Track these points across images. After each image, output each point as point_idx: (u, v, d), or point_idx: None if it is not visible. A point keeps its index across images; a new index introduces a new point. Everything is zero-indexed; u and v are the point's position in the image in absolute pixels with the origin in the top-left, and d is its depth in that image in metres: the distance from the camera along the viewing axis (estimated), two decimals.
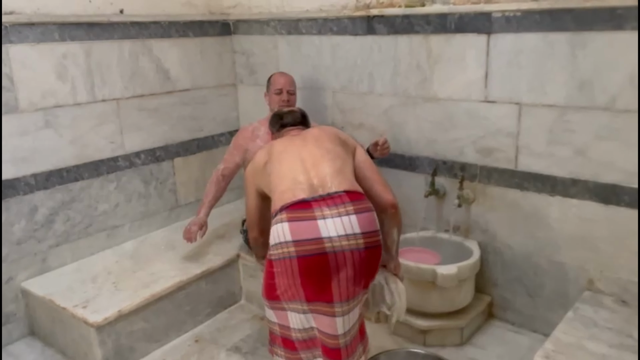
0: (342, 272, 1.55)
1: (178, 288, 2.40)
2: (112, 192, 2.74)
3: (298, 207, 1.60)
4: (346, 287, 1.57)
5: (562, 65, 2.09)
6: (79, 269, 2.56)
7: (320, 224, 1.55)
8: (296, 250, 1.54)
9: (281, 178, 1.70)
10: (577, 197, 2.16)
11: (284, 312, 1.69)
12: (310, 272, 1.55)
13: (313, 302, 1.60)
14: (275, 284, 1.63)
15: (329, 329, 1.62)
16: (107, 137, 2.68)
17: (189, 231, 2.53)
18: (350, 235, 1.55)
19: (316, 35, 2.82)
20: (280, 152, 1.80)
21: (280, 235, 1.57)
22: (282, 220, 1.59)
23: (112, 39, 2.62)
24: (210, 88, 3.16)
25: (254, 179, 1.86)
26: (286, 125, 2.04)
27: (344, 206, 1.59)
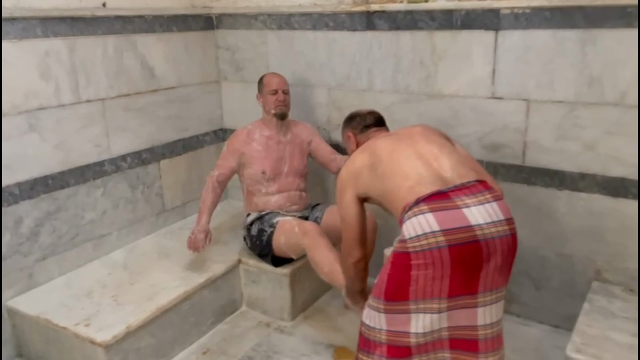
0: (492, 261, 1.49)
1: (183, 299, 2.28)
2: (99, 199, 2.56)
3: (436, 199, 1.52)
4: (492, 277, 1.51)
5: (572, 62, 2.12)
6: (69, 284, 2.37)
7: (465, 211, 1.49)
8: (447, 240, 1.45)
9: (404, 175, 1.62)
10: (586, 190, 2.22)
11: (406, 316, 1.55)
12: (463, 262, 1.48)
13: (456, 296, 1.51)
14: (410, 279, 1.50)
15: (467, 320, 1.53)
16: (92, 140, 2.49)
17: (194, 240, 2.41)
18: (497, 222, 1.50)
19: (310, 30, 2.74)
20: (390, 151, 1.72)
21: (424, 226, 1.47)
22: (422, 211, 1.49)
23: (95, 34, 2.43)
24: (195, 85, 3.01)
25: (356, 184, 1.75)
26: (370, 126, 2.00)
27: (482, 194, 1.54)
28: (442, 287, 1.50)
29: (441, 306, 1.52)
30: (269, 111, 2.57)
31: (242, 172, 2.61)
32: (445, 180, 1.59)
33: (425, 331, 1.54)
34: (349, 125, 2.06)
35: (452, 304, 1.52)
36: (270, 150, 2.57)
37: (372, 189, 1.72)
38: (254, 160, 2.55)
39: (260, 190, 2.59)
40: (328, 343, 2.34)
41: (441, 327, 1.55)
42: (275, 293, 2.51)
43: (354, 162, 1.80)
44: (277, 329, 2.48)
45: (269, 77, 2.60)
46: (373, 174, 1.71)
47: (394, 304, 1.55)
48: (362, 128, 2.00)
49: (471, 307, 1.53)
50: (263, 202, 2.59)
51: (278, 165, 2.58)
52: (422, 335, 1.54)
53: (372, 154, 1.75)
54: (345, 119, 2.11)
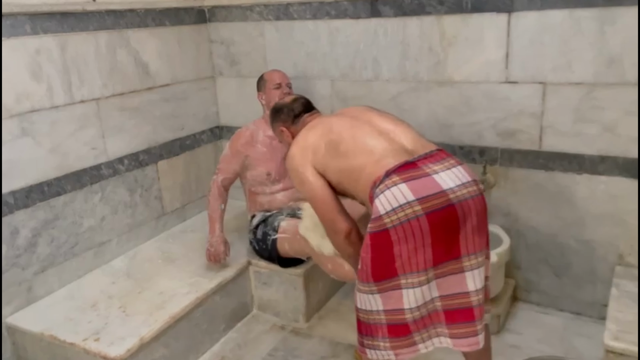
0: (468, 222, 1.47)
1: (195, 306, 2.16)
2: (97, 204, 2.42)
3: (405, 169, 1.49)
4: (472, 238, 1.48)
5: (590, 42, 2.06)
6: (71, 296, 2.23)
7: (436, 178, 1.47)
8: (423, 208, 1.42)
9: (369, 151, 1.59)
10: (606, 173, 2.17)
11: (398, 292, 1.49)
12: (442, 227, 1.44)
13: (441, 263, 1.47)
14: (393, 255, 1.45)
15: (458, 287, 1.50)
16: (88, 142, 2.35)
17: (215, 253, 2.31)
18: (466, 184, 1.49)
19: (311, 19, 2.63)
20: (349, 128, 1.68)
21: (400, 197, 1.43)
22: (394, 183, 1.46)
23: (87, 30, 2.29)
24: (189, 82, 2.88)
25: (313, 159, 1.68)
26: (299, 114, 1.92)
27: (446, 161, 1.54)
28: (425, 256, 1.46)
29: (429, 275, 1.49)
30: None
31: (244, 173, 2.50)
32: (410, 151, 1.59)
33: (418, 304, 1.50)
34: (278, 120, 1.97)
35: (439, 271, 1.50)
36: (275, 151, 2.46)
37: (332, 168, 1.66)
38: (259, 162, 2.45)
39: (265, 191, 2.48)
40: (347, 343, 2.26)
41: (433, 297, 1.52)
42: (289, 294, 2.41)
43: (306, 139, 1.74)
44: (292, 331, 2.38)
45: (270, 73, 2.51)
46: (334, 152, 1.66)
47: (384, 282, 1.51)
48: (293, 119, 1.93)
49: (458, 272, 1.51)
50: (268, 201, 2.48)
51: (283, 166, 2.47)
52: (417, 309, 1.51)
53: (327, 131, 1.71)
54: (271, 114, 2.02)
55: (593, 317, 2.34)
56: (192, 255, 2.53)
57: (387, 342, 1.56)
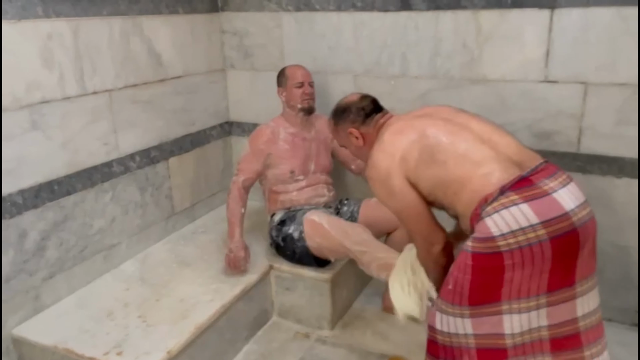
0: (586, 247, 1.34)
1: (221, 314, 2.02)
2: (108, 204, 2.25)
3: (521, 185, 1.33)
4: (587, 262, 1.37)
5: (637, 42, 1.99)
6: (83, 304, 2.06)
7: (557, 197, 1.32)
8: (547, 232, 1.28)
9: (475, 162, 1.41)
10: None
11: (497, 317, 1.37)
12: (564, 253, 1.32)
13: (555, 290, 1.35)
14: (503, 281, 1.32)
15: (567, 314, 1.37)
16: (100, 137, 2.17)
17: (235, 259, 2.17)
18: (584, 204, 1.36)
19: (334, 11, 2.50)
20: (447, 133, 1.47)
21: (521, 219, 1.29)
22: (513, 202, 1.31)
23: (100, 14, 2.11)
24: (201, 74, 2.72)
25: (405, 167, 1.49)
26: (371, 113, 1.71)
27: (559, 175, 1.39)
28: (540, 283, 1.34)
29: (540, 302, 1.36)
30: (295, 106, 2.34)
31: (265, 173, 2.36)
32: (518, 163, 1.42)
33: (522, 330, 1.37)
34: (345, 120, 1.73)
35: (552, 299, 1.36)
36: (298, 148, 2.34)
37: (427, 177, 1.47)
38: (282, 160, 2.32)
39: (287, 189, 2.36)
40: (379, 352, 2.15)
41: (540, 326, 1.39)
42: (314, 300, 2.28)
43: (393, 143, 1.52)
44: (318, 340, 2.26)
45: (293, 69, 2.37)
46: (429, 159, 1.46)
47: (482, 307, 1.37)
48: (364, 118, 1.70)
49: (571, 299, 1.37)
50: (289, 199, 2.37)
51: (306, 163, 2.36)
52: (520, 335, 1.38)
53: (421, 135, 1.49)
54: (335, 115, 1.77)
55: (625, 323, 2.29)
56: (209, 258, 2.38)
57: None
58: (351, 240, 2.08)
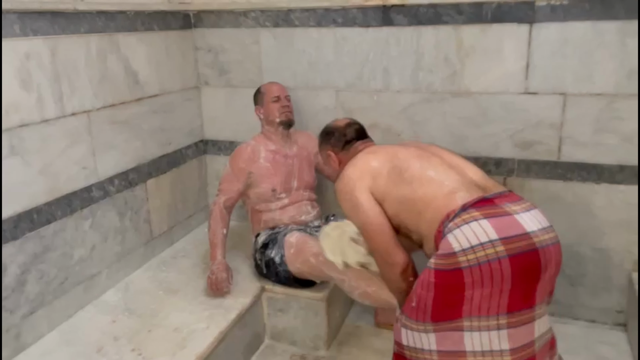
0: (548, 271, 1.36)
1: (219, 341, 1.93)
2: (88, 232, 2.12)
3: (483, 204, 1.37)
4: (546, 287, 1.40)
5: (612, 54, 2.10)
6: (67, 340, 1.92)
7: (518, 218, 1.35)
8: (506, 249, 1.29)
9: (440, 182, 1.47)
10: (625, 182, 2.21)
11: (458, 334, 1.37)
12: (524, 273, 1.32)
13: (515, 312, 1.35)
14: (463, 298, 1.33)
15: (526, 337, 1.38)
16: (79, 161, 2.05)
17: (217, 281, 2.10)
18: (547, 228, 1.39)
19: (314, 27, 2.50)
20: (416, 157, 1.57)
21: (480, 234, 1.30)
22: (474, 218, 1.33)
23: (78, 32, 2.00)
24: (176, 92, 2.63)
25: (373, 184, 1.55)
26: (351, 141, 1.81)
27: (522, 202, 1.43)
28: (500, 302, 1.35)
29: (500, 322, 1.37)
30: (274, 120, 2.32)
31: (247, 192, 2.32)
32: (483, 187, 1.49)
33: (483, 349, 1.38)
34: (327, 143, 1.86)
35: (512, 321, 1.37)
36: (279, 165, 2.31)
37: (393, 196, 1.53)
38: (263, 178, 2.28)
39: (270, 207, 2.32)
40: None
41: (502, 350, 1.38)
42: (309, 321, 2.23)
43: (366, 161, 1.62)
44: None
45: (268, 85, 2.40)
46: (397, 179, 1.53)
47: (444, 323, 1.39)
48: (344, 144, 1.81)
49: (530, 321, 1.39)
50: (272, 218, 2.32)
51: (288, 180, 2.32)
52: (481, 354, 1.38)
53: (392, 157, 1.59)
54: (321, 135, 1.91)
55: (608, 324, 2.38)
56: (195, 284, 2.29)
57: None
58: (329, 268, 2.03)
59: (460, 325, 1.37)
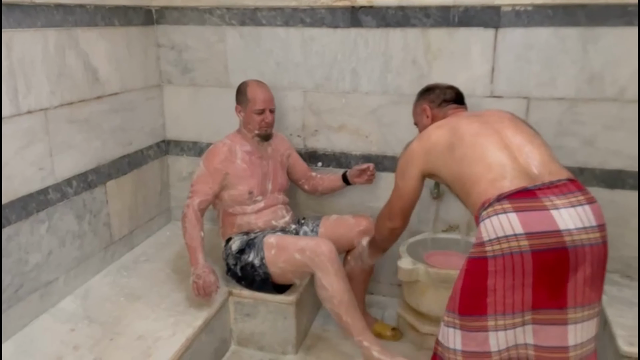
0: (580, 271, 1.33)
1: (186, 348, 1.87)
2: (44, 236, 2.01)
3: (521, 196, 1.35)
4: (582, 289, 1.34)
5: (573, 60, 2.16)
6: (23, 350, 1.81)
7: (554, 214, 1.32)
8: (530, 244, 1.29)
9: (486, 165, 1.45)
10: (585, 184, 2.23)
11: (484, 334, 1.36)
12: (547, 270, 1.31)
13: (541, 309, 1.34)
14: (487, 287, 1.33)
15: (557, 340, 1.35)
16: (35, 162, 1.94)
17: (205, 284, 1.99)
18: (588, 228, 1.33)
19: (282, 26, 2.46)
20: (474, 134, 1.54)
21: (507, 227, 1.31)
22: (504, 210, 1.33)
23: (35, 26, 1.90)
24: (138, 90, 2.54)
25: (427, 159, 1.63)
26: (449, 101, 1.85)
27: (574, 195, 1.37)
28: (524, 297, 1.35)
29: (525, 319, 1.38)
30: (252, 130, 2.23)
31: (221, 194, 2.23)
32: (533, 176, 1.44)
33: (508, 345, 1.39)
34: (426, 97, 1.91)
35: (538, 317, 1.37)
36: (255, 167, 2.25)
37: (445, 171, 1.59)
38: (240, 180, 2.20)
39: (245, 210, 2.25)
40: None
41: (527, 344, 1.39)
42: (277, 325, 2.19)
43: (429, 136, 1.67)
44: None
45: (255, 92, 2.21)
46: (449, 155, 1.56)
47: (470, 319, 1.39)
48: (441, 102, 1.86)
49: (561, 323, 1.37)
50: (247, 222, 2.25)
51: (264, 183, 2.27)
52: (506, 350, 1.40)
53: (452, 133, 1.60)
54: (421, 90, 1.97)
55: None
56: (159, 290, 2.21)
57: None
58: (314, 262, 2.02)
59: (485, 325, 1.37)
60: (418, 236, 2.42)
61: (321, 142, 2.57)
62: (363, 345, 1.97)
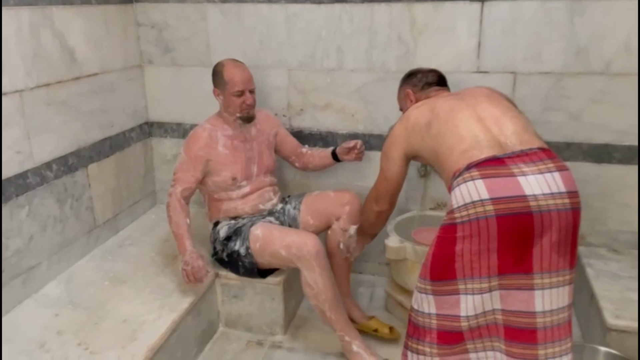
0: (545, 237, 1.33)
1: (172, 331, 1.85)
2: (24, 220, 1.97)
3: (490, 164, 1.37)
4: (549, 255, 1.34)
5: (560, 33, 2.13)
6: (6, 337, 1.79)
7: (521, 180, 1.33)
8: (495, 209, 1.31)
9: (459, 137, 1.47)
10: (571, 159, 2.26)
11: (455, 297, 1.38)
12: (512, 235, 1.32)
13: (507, 274, 1.35)
14: (454, 252, 1.35)
15: (523, 305, 1.36)
16: (12, 145, 1.89)
17: (194, 270, 1.95)
18: (556, 194, 1.33)
19: (264, 3, 2.40)
20: (448, 110, 1.56)
21: (473, 193, 1.33)
22: (472, 177, 1.35)
23: (7, 5, 1.83)
24: (117, 71, 2.48)
25: (408, 141, 1.65)
26: (431, 84, 1.89)
27: (543, 163, 1.37)
28: (490, 262, 1.36)
29: (492, 284, 1.38)
30: (233, 114, 2.15)
31: (205, 180, 2.18)
32: (504, 145, 1.44)
33: (476, 312, 1.40)
34: (408, 82, 1.95)
35: (505, 283, 1.38)
36: (238, 151, 2.18)
37: (424, 149, 1.61)
38: (222, 166, 2.14)
39: (230, 196, 2.20)
40: (338, 352, 2.10)
41: (495, 309, 1.40)
42: (265, 306, 2.18)
43: (409, 117, 1.68)
44: (273, 346, 2.16)
45: (231, 72, 2.10)
46: (426, 132, 1.59)
47: (441, 284, 1.42)
48: (423, 85, 1.90)
49: (527, 288, 1.38)
50: (234, 208, 2.21)
51: (248, 167, 2.21)
52: (474, 317, 1.41)
53: (430, 111, 1.62)
54: (404, 76, 2.00)
55: None
56: (144, 274, 2.19)
57: (435, 349, 1.45)
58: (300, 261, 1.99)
59: (456, 289, 1.39)
60: (406, 214, 2.41)
61: (307, 121, 2.54)
62: (344, 339, 2.00)
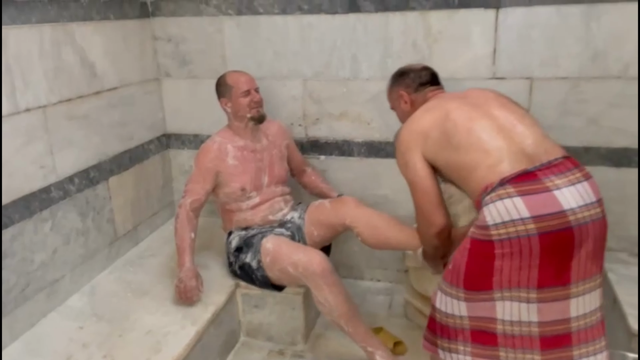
0: (583, 248, 1.34)
1: (196, 342, 1.86)
2: (48, 234, 2.00)
3: (523, 179, 1.35)
4: (585, 264, 1.36)
5: (577, 38, 2.13)
6: (32, 349, 1.81)
7: (557, 194, 1.32)
8: (537, 227, 1.29)
9: (485, 151, 1.44)
10: (590, 164, 2.23)
11: (490, 303, 1.38)
12: (553, 251, 1.32)
13: (546, 287, 1.34)
14: (493, 269, 1.34)
15: (560, 314, 1.36)
16: (36, 160, 1.93)
17: (185, 289, 1.98)
18: (589, 205, 1.34)
19: (279, 14, 2.43)
20: (466, 119, 1.51)
21: (512, 212, 1.31)
22: (509, 195, 1.33)
23: (29, 22, 1.87)
24: (135, 85, 2.52)
25: (424, 146, 1.56)
26: (425, 84, 1.79)
27: (572, 173, 1.38)
28: (529, 277, 1.36)
29: (530, 296, 1.38)
30: (244, 116, 2.18)
31: (216, 191, 2.22)
32: (530, 156, 1.43)
33: (512, 319, 1.39)
34: (400, 83, 1.84)
35: (542, 296, 1.37)
36: (248, 162, 2.20)
37: (442, 158, 1.55)
38: (232, 177, 2.17)
39: (241, 207, 2.22)
40: (359, 356, 2.09)
41: (531, 321, 1.40)
42: (285, 315, 2.19)
43: (419, 121, 1.61)
44: (294, 355, 2.17)
45: (235, 77, 2.19)
46: (446, 142, 1.53)
47: (475, 293, 1.40)
48: (418, 86, 1.80)
49: (563, 299, 1.38)
50: (244, 219, 2.23)
51: (258, 177, 2.23)
52: (509, 323, 1.40)
53: (444, 117, 1.55)
54: (394, 76, 1.89)
55: None
56: (165, 284, 2.20)
57: (469, 347, 1.45)
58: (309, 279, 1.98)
59: (491, 297, 1.39)
60: None
61: (323, 130, 2.55)
62: (367, 350, 1.98)
